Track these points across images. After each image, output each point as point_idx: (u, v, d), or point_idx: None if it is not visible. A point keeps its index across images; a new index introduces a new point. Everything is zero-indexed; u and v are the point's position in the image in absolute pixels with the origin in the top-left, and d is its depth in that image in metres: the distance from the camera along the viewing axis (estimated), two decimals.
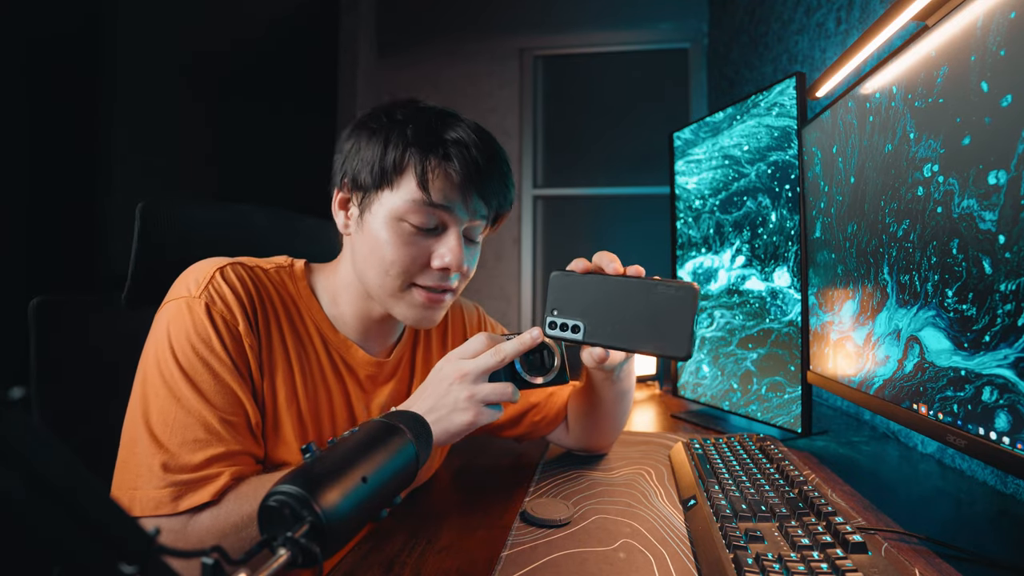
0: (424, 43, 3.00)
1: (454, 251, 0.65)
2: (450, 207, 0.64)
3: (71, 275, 2.46)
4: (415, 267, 0.66)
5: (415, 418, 0.48)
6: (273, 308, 0.68)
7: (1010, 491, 0.75)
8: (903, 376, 0.63)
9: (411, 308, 0.68)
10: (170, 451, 0.57)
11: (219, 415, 0.59)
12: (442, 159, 0.64)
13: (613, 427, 0.83)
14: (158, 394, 0.59)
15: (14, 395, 0.19)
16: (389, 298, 0.68)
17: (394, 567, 0.55)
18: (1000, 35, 0.46)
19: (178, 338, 0.61)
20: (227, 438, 0.59)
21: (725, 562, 0.50)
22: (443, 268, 0.66)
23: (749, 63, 2.05)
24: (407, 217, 0.64)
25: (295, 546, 0.31)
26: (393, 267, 0.65)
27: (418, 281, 0.66)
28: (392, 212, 0.64)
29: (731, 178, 1.09)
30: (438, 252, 0.66)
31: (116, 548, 0.22)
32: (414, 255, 0.65)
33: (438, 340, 0.85)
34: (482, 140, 0.67)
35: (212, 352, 0.61)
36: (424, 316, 0.68)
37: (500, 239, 2.92)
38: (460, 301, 0.90)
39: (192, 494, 0.56)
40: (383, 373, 0.76)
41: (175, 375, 0.59)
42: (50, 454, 0.20)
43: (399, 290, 0.67)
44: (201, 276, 0.64)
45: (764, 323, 1.02)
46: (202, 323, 0.61)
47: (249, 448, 0.62)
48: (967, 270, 0.51)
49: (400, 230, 0.65)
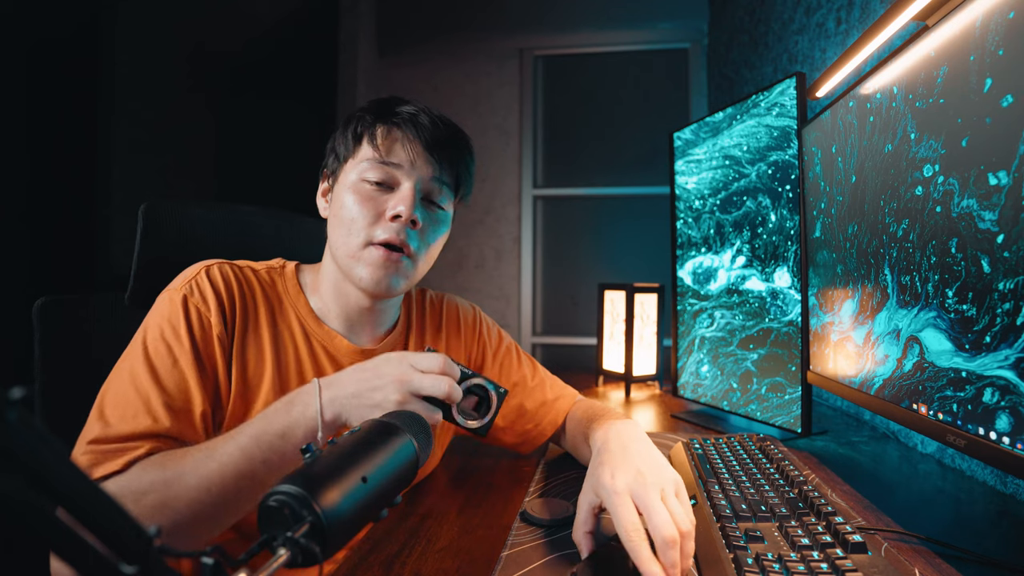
0: (424, 43, 3.00)
1: (406, 199, 0.70)
2: (400, 164, 0.71)
3: (71, 275, 2.46)
4: (372, 220, 0.70)
5: (415, 418, 0.48)
6: (254, 303, 0.72)
7: (1010, 491, 0.75)
8: (902, 375, 0.63)
9: (368, 267, 0.70)
10: (109, 423, 0.59)
11: (164, 398, 0.62)
12: (392, 124, 0.72)
13: None
14: (120, 372, 0.63)
15: (15, 395, 0.19)
16: (351, 260, 0.71)
17: (394, 567, 0.55)
18: (999, 35, 0.46)
19: (151, 324, 0.66)
20: (162, 419, 0.61)
21: (725, 562, 0.50)
22: (395, 216, 0.69)
23: (749, 63, 2.05)
24: (365, 175, 0.71)
25: (295, 546, 0.31)
26: (354, 223, 0.70)
27: (376, 237, 0.70)
28: (354, 177, 0.72)
29: (731, 178, 1.10)
30: (391, 203, 0.70)
31: (116, 548, 0.22)
32: (371, 209, 0.70)
33: (432, 331, 0.86)
34: (434, 114, 0.74)
35: (177, 338, 0.65)
36: (380, 276, 0.70)
37: (500, 239, 2.92)
38: (456, 300, 0.91)
39: (107, 463, 0.57)
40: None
41: (138, 356, 0.63)
42: (51, 454, 0.20)
43: (359, 248, 0.70)
44: (189, 273, 0.70)
45: (764, 323, 1.02)
46: (176, 312, 0.66)
47: (184, 434, 0.63)
48: (966, 269, 0.51)
49: (360, 190, 0.71)
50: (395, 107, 0.73)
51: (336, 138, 0.76)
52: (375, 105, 0.75)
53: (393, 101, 0.75)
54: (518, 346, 0.94)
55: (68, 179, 2.48)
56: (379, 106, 0.74)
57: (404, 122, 0.72)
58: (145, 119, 2.68)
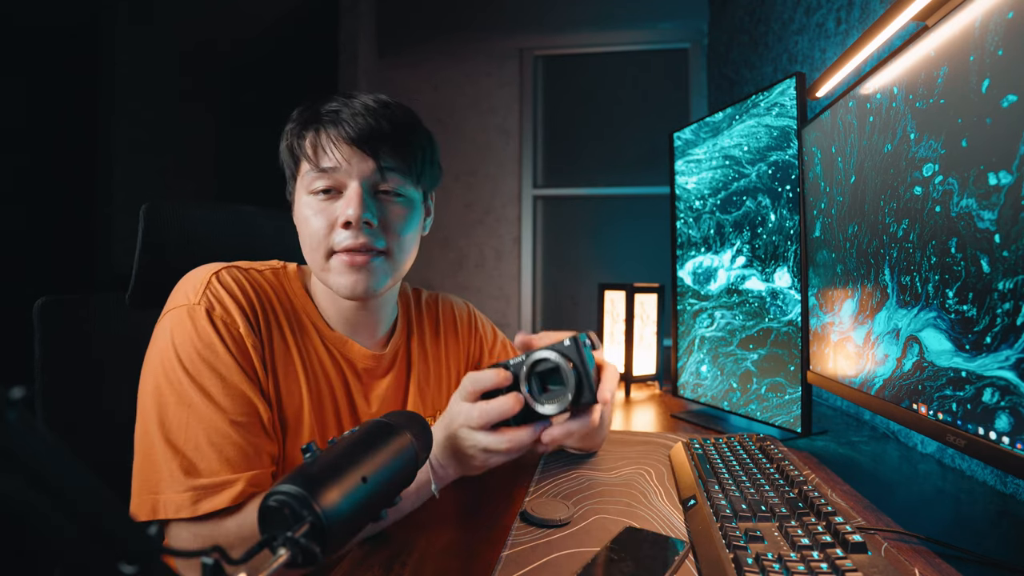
0: (424, 43, 3.00)
1: (352, 202, 0.67)
2: (336, 167, 0.67)
3: (72, 275, 2.46)
4: (327, 231, 0.68)
5: (415, 418, 0.48)
6: (272, 308, 0.70)
7: (1010, 491, 0.75)
8: (902, 375, 0.63)
9: (339, 276, 0.68)
10: (187, 456, 0.58)
11: (229, 418, 0.61)
12: (316, 128, 0.68)
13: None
14: (169, 403, 0.61)
15: (15, 395, 0.19)
16: (322, 272, 0.69)
17: (394, 567, 0.55)
18: (998, 35, 0.46)
19: (183, 346, 0.62)
20: (239, 440, 0.60)
21: (725, 562, 0.50)
22: (345, 222, 0.66)
23: (749, 63, 2.05)
24: (311, 188, 0.68)
25: (295, 546, 0.31)
26: (312, 238, 0.68)
27: (335, 246, 0.68)
28: (303, 192, 0.70)
29: (731, 178, 1.10)
30: (339, 210, 0.68)
31: (117, 548, 0.22)
32: (323, 220, 0.68)
33: (431, 331, 0.86)
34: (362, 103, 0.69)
35: (217, 356, 0.62)
36: (355, 280, 0.68)
37: (500, 239, 2.92)
38: (451, 300, 0.91)
39: (211, 498, 0.57)
40: (381, 366, 0.77)
41: (184, 383, 0.61)
42: (51, 454, 0.20)
43: (323, 259, 0.68)
44: (198, 283, 0.66)
45: (764, 323, 1.02)
46: (204, 329, 0.63)
47: (262, 446, 0.63)
48: (966, 269, 0.51)
49: (311, 204, 0.69)
50: (317, 108, 0.70)
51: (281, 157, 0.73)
52: (300, 112, 0.71)
53: (315, 101, 0.71)
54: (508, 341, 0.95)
55: (69, 179, 2.48)
56: (303, 112, 0.71)
57: (326, 123, 0.68)
58: (145, 119, 2.68)
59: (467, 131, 2.96)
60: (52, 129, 2.45)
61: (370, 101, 0.70)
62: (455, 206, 2.93)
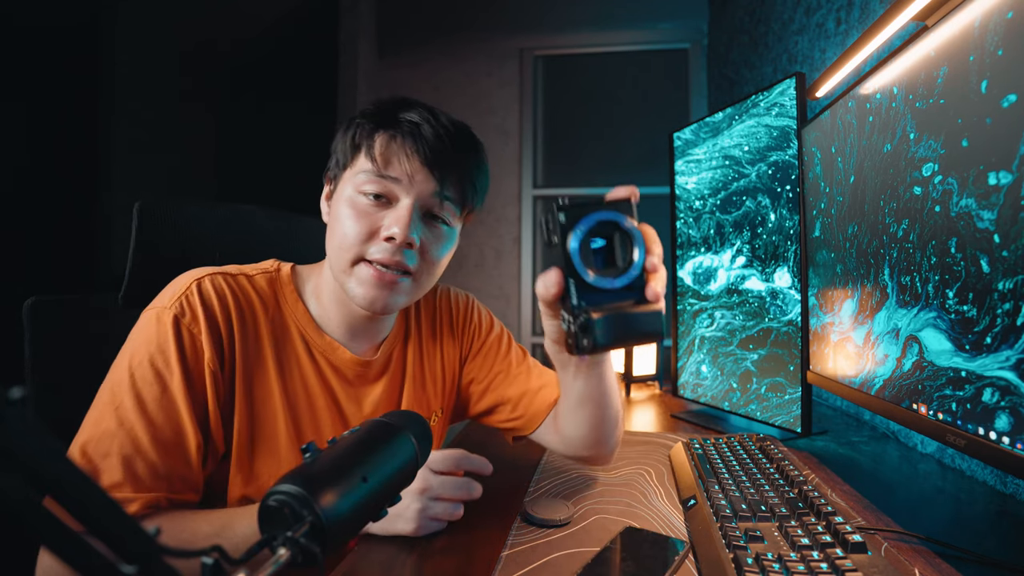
0: (424, 43, 3.00)
1: (401, 220, 0.65)
2: (398, 178, 0.66)
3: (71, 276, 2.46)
4: (364, 238, 0.66)
5: (415, 418, 0.48)
6: (253, 317, 0.68)
7: (1010, 491, 0.75)
8: (902, 375, 0.63)
9: (360, 285, 0.66)
10: (92, 461, 0.56)
11: (152, 431, 0.58)
12: (392, 133, 0.66)
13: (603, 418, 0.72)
14: (103, 397, 0.59)
15: (15, 395, 0.19)
16: (343, 275, 0.67)
17: (394, 567, 0.55)
18: (998, 35, 0.46)
19: (140, 347, 0.61)
20: (155, 459, 0.58)
21: (725, 562, 0.50)
22: (389, 237, 0.65)
23: (749, 63, 2.05)
24: (361, 188, 0.66)
25: (295, 546, 0.31)
26: (345, 239, 0.66)
27: (368, 255, 0.66)
28: (351, 188, 0.67)
29: (731, 178, 1.10)
30: (386, 223, 0.66)
31: (116, 548, 0.22)
32: (364, 226, 0.66)
33: (428, 331, 0.83)
34: (441, 123, 0.68)
35: (167, 366, 0.60)
36: (375, 296, 0.66)
37: (500, 239, 2.92)
38: (451, 292, 0.87)
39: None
40: (372, 371, 0.75)
41: (124, 383, 0.59)
42: (51, 454, 0.20)
43: (350, 264, 0.66)
44: (179, 287, 0.65)
45: (764, 323, 1.02)
46: (166, 335, 0.61)
47: (178, 470, 0.60)
48: (966, 269, 0.51)
49: (356, 204, 0.66)
50: (398, 112, 0.68)
51: (337, 140, 0.71)
52: (377, 109, 0.69)
53: (397, 105, 0.69)
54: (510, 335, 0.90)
55: (69, 179, 2.48)
56: (381, 111, 0.69)
57: (404, 132, 0.66)
58: (145, 119, 2.68)
59: None
60: (52, 129, 2.45)
61: (450, 124, 0.69)
62: None
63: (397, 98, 0.71)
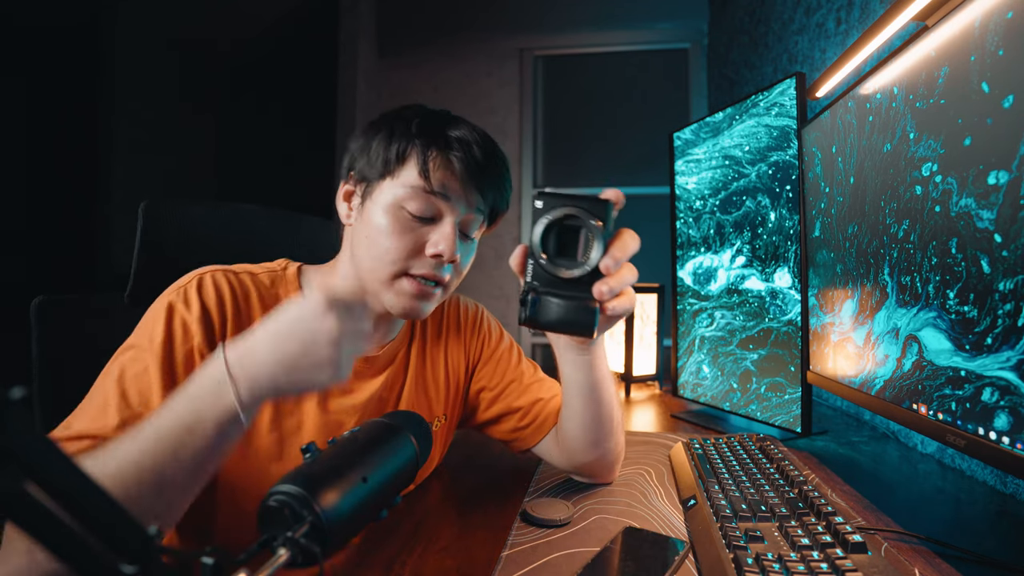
0: (424, 43, 3.00)
1: (448, 238, 0.66)
2: (448, 196, 0.67)
3: (73, 275, 2.46)
4: (409, 254, 0.67)
5: (415, 418, 0.48)
6: (248, 310, 0.69)
7: (1010, 491, 0.75)
8: (902, 375, 0.63)
9: (400, 297, 0.68)
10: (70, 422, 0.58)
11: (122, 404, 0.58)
12: (444, 151, 0.67)
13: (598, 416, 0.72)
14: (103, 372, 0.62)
15: (15, 395, 0.19)
16: (381, 285, 0.68)
17: (394, 567, 0.55)
18: (998, 35, 0.46)
19: (137, 328, 0.64)
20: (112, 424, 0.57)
21: (725, 562, 0.50)
22: (436, 255, 0.66)
23: (749, 63, 2.05)
24: (406, 204, 0.66)
25: (295, 546, 0.31)
26: (388, 253, 0.66)
27: (411, 270, 0.67)
28: (393, 199, 0.67)
29: (731, 178, 1.10)
30: (432, 239, 0.67)
31: (116, 548, 0.22)
32: (410, 242, 0.66)
33: (433, 332, 0.84)
34: (483, 140, 0.70)
35: (151, 344, 0.62)
36: (413, 306, 0.68)
37: (500, 239, 2.92)
38: (460, 298, 0.89)
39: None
40: (371, 368, 0.76)
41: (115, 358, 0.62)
42: (51, 454, 0.20)
43: (391, 277, 0.67)
44: (184, 279, 0.67)
45: (764, 323, 1.02)
46: (158, 318, 0.63)
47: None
48: (966, 270, 0.51)
49: (398, 217, 0.66)
50: (446, 130, 0.68)
51: (371, 143, 0.69)
52: (423, 122, 0.68)
53: (441, 120, 0.70)
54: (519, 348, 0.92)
55: (69, 178, 2.48)
56: (427, 125, 0.68)
57: (456, 149, 0.67)
58: (145, 119, 2.68)
59: None
60: (52, 129, 2.45)
61: (487, 141, 0.70)
62: None
63: (440, 113, 0.71)
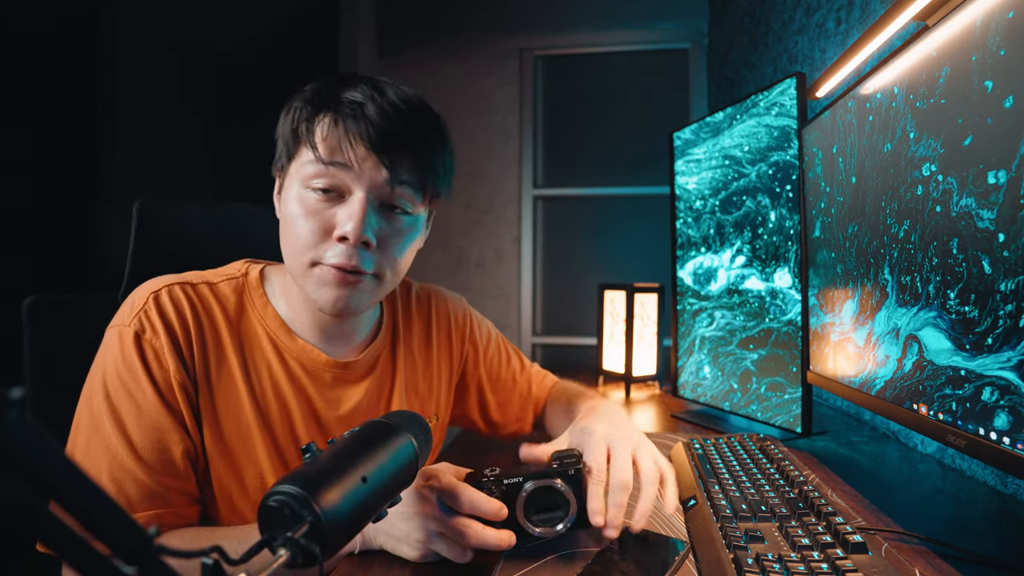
0: (424, 43, 3.00)
1: (355, 216, 0.58)
2: (347, 165, 0.59)
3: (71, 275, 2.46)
4: (319, 239, 0.60)
5: (414, 418, 0.48)
6: (213, 326, 0.65)
7: (1010, 491, 0.75)
8: (903, 376, 0.63)
9: (320, 287, 0.61)
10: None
11: (137, 452, 0.58)
12: (334, 117, 0.59)
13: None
14: (83, 423, 0.59)
15: (15, 395, 0.19)
16: (302, 279, 0.63)
17: (394, 567, 0.55)
18: (999, 35, 0.46)
19: (109, 368, 0.60)
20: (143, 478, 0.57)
21: (725, 562, 0.50)
22: (343, 237, 0.59)
23: (749, 63, 2.05)
24: (310, 183, 0.60)
25: (295, 546, 0.31)
26: (298, 240, 0.61)
27: (324, 259, 0.60)
28: (298, 182, 0.61)
29: (731, 178, 1.09)
30: (339, 218, 0.60)
31: (116, 548, 0.22)
32: (317, 225, 0.60)
33: (421, 333, 0.81)
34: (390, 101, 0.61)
35: (137, 384, 0.59)
36: (337, 296, 0.61)
37: (500, 239, 2.92)
38: (445, 296, 0.87)
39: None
40: (353, 373, 0.72)
41: (101, 406, 0.59)
42: (51, 454, 0.20)
43: (307, 267, 0.61)
44: (137, 301, 0.63)
45: (764, 323, 1.02)
46: (130, 353, 0.60)
47: (171, 485, 0.60)
48: (967, 270, 0.51)
49: (305, 200, 0.61)
50: (339, 92, 0.60)
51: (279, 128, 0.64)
52: (315, 89, 0.62)
53: (338, 83, 0.62)
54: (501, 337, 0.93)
55: (68, 178, 2.48)
56: (319, 90, 0.62)
57: (346, 115, 0.59)
58: (145, 119, 2.68)
59: (467, 131, 2.96)
60: (52, 129, 2.44)
61: (399, 100, 0.61)
62: (455, 206, 2.93)
63: (340, 74, 0.64)
